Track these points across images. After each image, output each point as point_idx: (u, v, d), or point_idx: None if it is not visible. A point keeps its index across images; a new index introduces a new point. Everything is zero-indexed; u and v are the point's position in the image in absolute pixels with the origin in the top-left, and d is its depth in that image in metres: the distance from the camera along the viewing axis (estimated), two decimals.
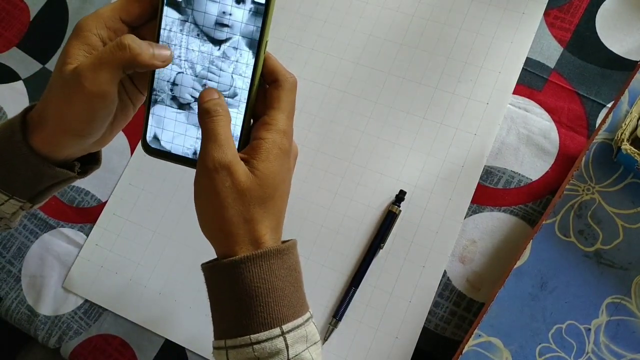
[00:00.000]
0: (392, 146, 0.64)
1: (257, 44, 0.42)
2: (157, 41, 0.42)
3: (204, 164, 0.39)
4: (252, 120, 0.44)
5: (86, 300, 0.65)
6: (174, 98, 0.44)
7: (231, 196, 0.39)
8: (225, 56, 0.43)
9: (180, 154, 0.44)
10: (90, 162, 0.49)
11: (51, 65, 0.74)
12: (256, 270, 0.39)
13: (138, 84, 0.46)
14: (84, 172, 0.48)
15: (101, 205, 0.68)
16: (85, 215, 0.68)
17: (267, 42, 0.42)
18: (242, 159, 0.40)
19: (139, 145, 0.69)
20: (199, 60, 0.43)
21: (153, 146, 0.45)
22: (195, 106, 0.43)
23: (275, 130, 0.41)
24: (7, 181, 0.44)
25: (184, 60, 0.43)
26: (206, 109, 0.40)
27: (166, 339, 0.62)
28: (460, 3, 0.67)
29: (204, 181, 0.40)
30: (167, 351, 0.62)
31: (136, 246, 0.66)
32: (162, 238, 0.65)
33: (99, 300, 0.64)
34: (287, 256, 0.41)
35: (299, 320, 0.41)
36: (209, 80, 0.43)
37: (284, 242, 0.43)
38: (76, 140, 0.43)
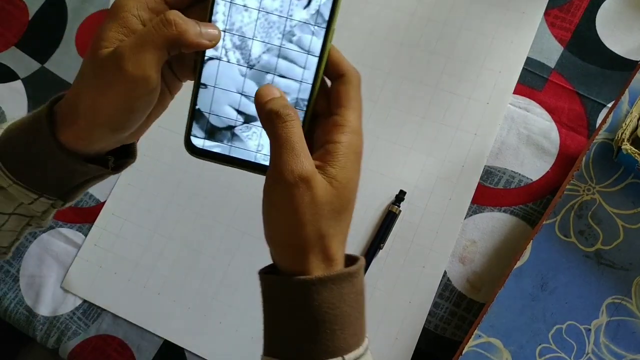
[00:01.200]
0: (392, 146, 0.64)
1: (324, 32, 0.36)
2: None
3: (280, 177, 0.35)
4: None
5: (85, 301, 0.65)
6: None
7: (310, 212, 0.35)
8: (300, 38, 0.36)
9: (233, 155, 0.38)
10: (124, 155, 0.44)
11: (50, 64, 0.74)
12: (327, 294, 0.36)
13: (176, 69, 0.41)
14: (118, 167, 0.44)
15: (100, 205, 0.68)
16: (84, 215, 0.68)
17: (334, 29, 0.37)
18: (316, 166, 0.36)
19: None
20: (263, 50, 0.36)
21: (199, 146, 0.38)
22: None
23: (350, 131, 0.37)
24: (36, 179, 0.41)
25: (238, 50, 0.36)
26: (275, 112, 0.35)
27: (165, 340, 0.62)
28: (460, 3, 0.67)
29: (279, 195, 0.36)
30: (166, 352, 0.62)
31: (135, 246, 0.65)
32: (161, 238, 0.65)
33: (98, 300, 0.64)
34: (356, 279, 0.38)
35: (360, 350, 0.38)
36: (279, 74, 0.37)
37: (349, 259, 0.39)
38: (111, 134, 0.39)
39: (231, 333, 0.61)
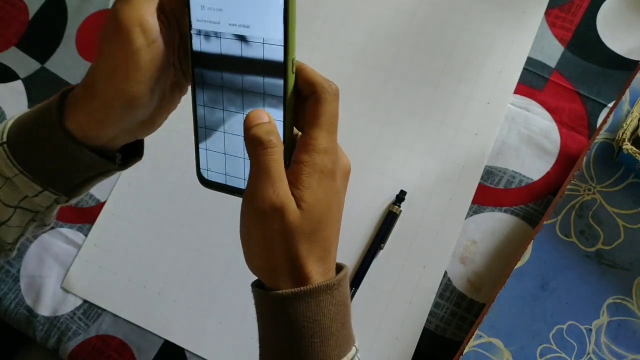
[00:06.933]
0: (392, 146, 0.64)
1: (282, 65, 0.36)
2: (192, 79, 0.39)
3: (254, 204, 0.35)
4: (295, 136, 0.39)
5: (85, 301, 0.64)
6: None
7: (278, 239, 0.36)
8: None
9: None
10: (131, 153, 0.45)
11: (50, 64, 0.74)
12: (302, 309, 0.36)
13: (185, 70, 0.42)
14: (124, 164, 0.44)
15: (100, 206, 0.68)
16: (84, 215, 0.68)
17: (293, 59, 0.36)
18: None
19: None
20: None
21: (211, 179, 0.39)
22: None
23: (315, 150, 0.36)
24: (41, 170, 0.41)
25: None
26: (258, 139, 0.35)
27: (165, 340, 0.62)
28: (460, 2, 0.67)
29: (251, 219, 0.36)
30: (167, 352, 0.62)
31: (135, 246, 0.65)
32: (161, 238, 0.65)
33: (98, 300, 0.64)
34: (337, 291, 0.37)
35: None
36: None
37: (337, 266, 0.39)
38: (124, 113, 0.39)
39: (231, 333, 0.61)
